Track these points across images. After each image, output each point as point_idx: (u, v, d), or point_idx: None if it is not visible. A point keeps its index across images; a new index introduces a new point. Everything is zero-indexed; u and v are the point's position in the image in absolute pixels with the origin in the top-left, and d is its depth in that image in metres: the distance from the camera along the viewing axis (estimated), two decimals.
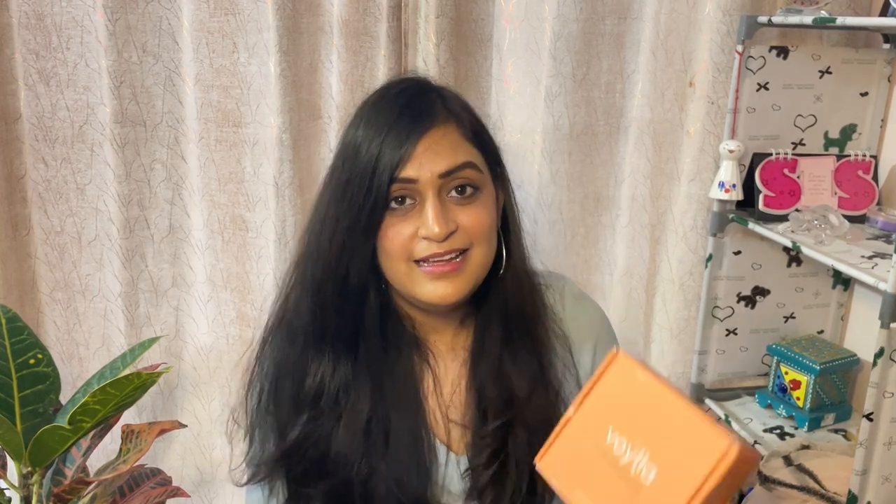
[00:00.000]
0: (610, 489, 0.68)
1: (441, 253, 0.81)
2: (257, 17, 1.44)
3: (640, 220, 1.59)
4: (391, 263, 0.83)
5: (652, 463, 0.66)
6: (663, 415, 0.68)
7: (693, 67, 1.50)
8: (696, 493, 0.62)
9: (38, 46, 1.44)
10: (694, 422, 0.66)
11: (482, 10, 1.50)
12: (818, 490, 1.19)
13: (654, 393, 0.70)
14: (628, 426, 0.70)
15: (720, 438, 0.62)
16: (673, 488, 0.64)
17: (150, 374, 1.01)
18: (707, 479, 0.62)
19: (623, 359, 0.72)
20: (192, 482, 1.69)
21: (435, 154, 0.81)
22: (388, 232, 0.82)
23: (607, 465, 0.69)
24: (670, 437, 0.67)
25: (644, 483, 0.66)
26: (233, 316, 1.60)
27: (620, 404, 0.71)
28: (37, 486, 1.11)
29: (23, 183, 1.51)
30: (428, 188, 0.81)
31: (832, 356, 1.45)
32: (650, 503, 0.65)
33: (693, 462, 0.63)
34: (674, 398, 0.69)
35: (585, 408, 0.73)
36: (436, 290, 0.83)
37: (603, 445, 0.70)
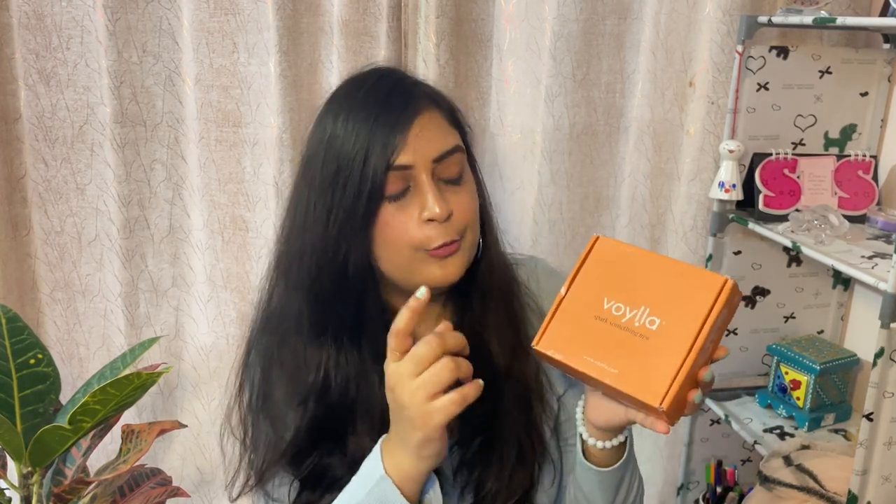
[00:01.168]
0: (618, 344, 0.71)
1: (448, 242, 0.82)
2: (257, 17, 1.44)
3: (640, 220, 1.59)
4: (393, 252, 0.82)
5: (654, 314, 0.70)
6: (653, 273, 0.72)
7: (693, 67, 1.50)
8: (705, 322, 0.68)
9: (38, 46, 1.44)
10: (685, 270, 0.71)
11: (482, 10, 1.50)
12: (818, 490, 1.19)
13: (641, 258, 0.74)
14: (622, 291, 0.73)
15: (713, 276, 0.69)
16: (682, 326, 0.69)
17: (150, 374, 1.01)
18: (712, 308, 0.68)
19: (605, 239, 0.76)
20: (192, 482, 1.69)
21: (426, 139, 0.81)
22: (390, 221, 0.81)
23: (610, 326, 0.72)
24: (666, 289, 0.71)
25: (651, 329, 0.70)
26: (233, 316, 1.60)
27: (610, 275, 0.75)
28: (37, 486, 1.11)
29: (23, 183, 1.51)
30: (422, 173, 0.80)
31: (832, 356, 1.45)
32: (662, 343, 0.69)
33: (694, 301, 0.69)
34: (660, 258, 0.73)
35: (576, 286, 0.76)
36: (442, 272, 0.83)
37: (601, 312, 0.73)
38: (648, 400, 0.68)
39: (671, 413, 0.69)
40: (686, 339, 0.68)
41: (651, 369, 0.68)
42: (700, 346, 0.68)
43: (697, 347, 0.68)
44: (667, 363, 0.68)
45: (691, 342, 0.68)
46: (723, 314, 0.69)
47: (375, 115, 0.80)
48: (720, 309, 0.68)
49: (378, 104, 0.81)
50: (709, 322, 0.68)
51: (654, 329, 0.70)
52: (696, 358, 0.68)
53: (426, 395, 0.71)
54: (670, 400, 0.67)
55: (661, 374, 0.68)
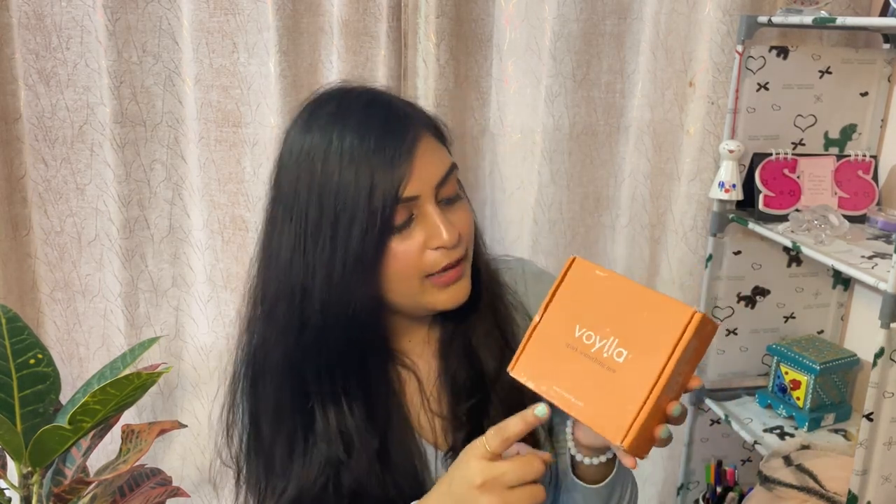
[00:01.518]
0: (585, 376, 0.71)
1: (453, 262, 0.81)
2: (257, 17, 1.44)
3: (640, 220, 1.59)
4: (402, 283, 0.80)
5: (622, 346, 0.70)
6: (626, 302, 0.72)
7: (693, 67, 1.50)
8: (669, 358, 0.67)
9: (38, 46, 1.44)
10: (657, 300, 0.70)
11: (482, 10, 1.50)
12: (818, 490, 1.19)
13: (615, 285, 0.73)
14: (594, 319, 0.72)
15: (683, 308, 0.68)
16: (647, 359, 0.68)
17: (150, 374, 1.01)
18: (678, 343, 0.67)
19: (580, 262, 0.75)
20: (192, 482, 1.69)
21: (428, 166, 0.78)
22: (397, 253, 0.78)
23: (580, 356, 0.72)
24: (636, 320, 0.70)
25: (618, 362, 0.69)
26: (233, 316, 1.59)
27: (583, 302, 0.74)
28: (37, 486, 1.11)
29: (23, 183, 1.51)
30: (427, 202, 0.79)
31: (832, 356, 1.45)
32: (627, 377, 0.68)
33: (661, 334, 0.68)
34: (634, 285, 0.72)
35: (550, 312, 0.75)
36: (452, 296, 0.83)
37: (572, 340, 0.73)
38: (610, 437, 0.67)
39: (635, 448, 0.68)
40: (651, 375, 0.67)
41: (615, 405, 0.68)
42: (665, 381, 0.66)
43: (661, 384, 0.66)
44: (630, 400, 0.67)
45: (655, 378, 0.67)
46: (691, 346, 0.67)
47: (376, 146, 0.76)
48: (686, 342, 0.67)
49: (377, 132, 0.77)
50: (674, 357, 0.66)
51: (620, 362, 0.69)
52: (661, 394, 0.67)
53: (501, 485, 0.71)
54: (631, 438, 0.66)
55: (625, 410, 0.67)
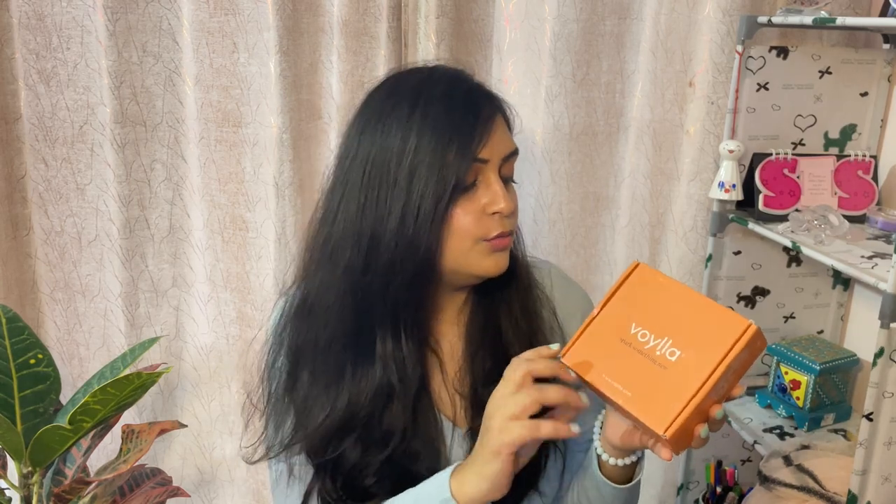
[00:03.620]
0: (636, 369, 0.73)
1: (507, 231, 0.87)
2: (257, 17, 1.44)
3: (640, 220, 1.59)
4: (458, 241, 0.85)
5: (676, 346, 0.73)
6: (683, 308, 0.75)
7: (693, 67, 1.50)
8: (721, 361, 0.70)
9: (39, 46, 1.44)
10: (714, 309, 0.74)
11: (482, 10, 1.50)
12: (818, 490, 1.19)
13: (675, 291, 0.77)
14: (651, 320, 0.76)
15: (739, 319, 0.71)
16: (699, 361, 0.71)
17: (150, 374, 1.01)
18: (731, 349, 0.70)
19: (644, 267, 0.79)
20: (192, 482, 1.69)
21: (500, 138, 0.86)
22: (458, 212, 0.84)
23: (632, 351, 0.75)
24: (692, 324, 0.73)
25: (670, 360, 0.72)
26: (233, 316, 1.60)
27: (642, 303, 0.77)
28: (37, 486, 1.11)
29: (23, 183, 1.51)
30: (492, 169, 0.85)
31: (832, 356, 1.45)
32: (678, 375, 0.71)
33: (715, 340, 0.71)
34: (694, 293, 0.76)
35: (609, 308, 0.79)
36: (497, 262, 0.87)
37: (627, 336, 0.76)
38: (654, 426, 0.70)
39: (675, 442, 0.71)
40: (701, 375, 0.70)
41: (662, 398, 0.71)
42: (713, 383, 0.70)
43: (710, 385, 0.69)
44: (678, 394, 0.70)
45: (705, 378, 0.70)
46: (742, 356, 0.71)
47: (462, 111, 0.84)
48: (739, 351, 0.70)
49: (461, 100, 0.85)
50: (725, 362, 0.70)
51: (673, 360, 0.72)
52: (708, 394, 0.70)
53: (508, 414, 0.74)
54: (675, 430, 0.69)
55: (671, 403, 0.70)
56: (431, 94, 0.85)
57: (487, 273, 0.88)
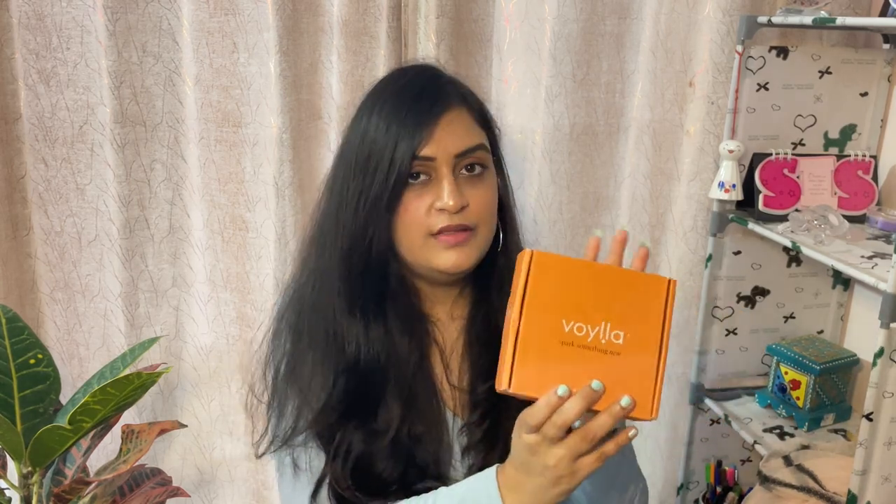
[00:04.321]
0: (591, 366, 0.71)
1: (454, 225, 0.87)
2: (257, 17, 1.44)
3: (640, 220, 1.59)
4: (409, 235, 0.88)
5: (616, 328, 0.72)
6: (601, 285, 0.73)
7: (693, 67, 1.50)
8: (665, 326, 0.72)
9: (38, 46, 1.44)
10: (630, 277, 0.74)
11: (482, 10, 1.50)
12: (818, 490, 1.19)
13: (583, 270, 0.75)
14: (578, 310, 0.73)
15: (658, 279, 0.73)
16: (646, 334, 0.72)
17: (150, 374, 1.01)
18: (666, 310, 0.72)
19: (538, 254, 0.75)
20: (192, 482, 1.69)
21: (451, 135, 0.87)
22: (408, 206, 0.87)
23: (577, 349, 0.72)
24: (618, 300, 0.73)
25: (619, 344, 0.72)
26: (233, 316, 1.60)
27: (559, 294, 0.73)
28: (37, 486, 1.11)
29: (23, 183, 1.51)
30: (443, 166, 0.86)
31: (832, 356, 1.45)
32: (632, 356, 0.71)
33: (648, 307, 0.72)
34: (601, 267, 0.75)
35: (528, 313, 0.73)
36: (450, 258, 0.88)
37: (564, 336, 0.72)
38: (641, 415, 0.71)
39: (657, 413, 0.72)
40: (654, 346, 0.71)
41: (631, 385, 0.71)
42: (667, 349, 0.71)
43: (665, 351, 0.71)
44: (644, 376, 0.71)
45: (659, 349, 0.71)
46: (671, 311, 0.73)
47: (407, 108, 0.87)
48: (672, 308, 0.72)
49: (410, 99, 0.88)
50: (668, 324, 0.72)
51: (621, 343, 0.72)
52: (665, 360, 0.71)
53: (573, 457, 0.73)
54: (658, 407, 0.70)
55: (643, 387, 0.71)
56: (392, 89, 0.90)
57: (444, 269, 0.89)
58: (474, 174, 0.89)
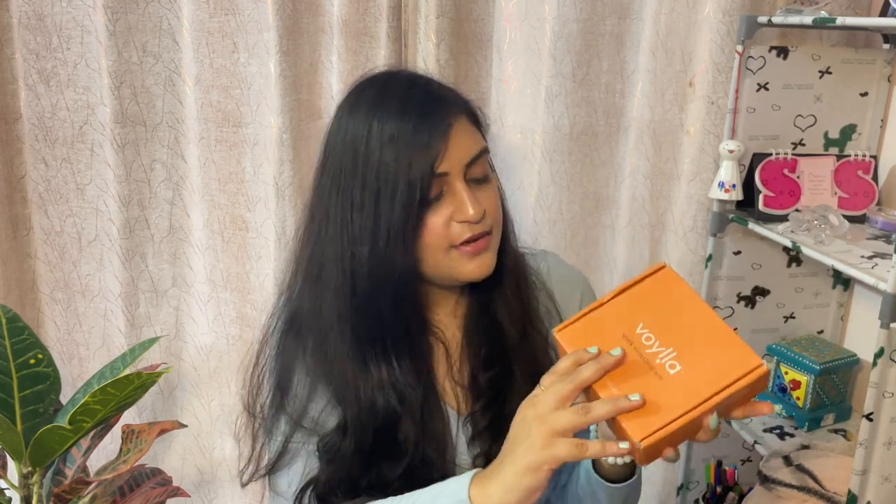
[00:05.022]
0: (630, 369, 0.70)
1: (477, 234, 0.86)
2: (257, 18, 1.44)
3: (640, 221, 1.59)
4: (432, 253, 0.86)
5: (678, 360, 0.69)
6: (698, 325, 0.71)
7: (693, 67, 1.50)
8: (719, 392, 0.66)
9: (39, 46, 1.44)
10: (729, 337, 0.70)
11: (482, 10, 1.50)
12: (818, 490, 1.19)
13: (695, 306, 0.72)
14: (661, 325, 0.71)
15: (752, 355, 0.67)
16: (697, 384, 0.67)
17: (150, 374, 1.01)
18: (733, 383, 0.66)
19: (670, 271, 0.75)
20: (192, 482, 1.69)
21: (459, 146, 0.85)
22: (429, 225, 0.84)
23: (632, 350, 0.71)
24: (701, 344, 0.69)
25: (668, 372, 0.69)
26: (233, 316, 1.60)
27: (657, 306, 0.73)
28: (37, 486, 1.11)
29: (23, 183, 1.51)
30: (456, 179, 0.85)
31: (832, 356, 1.45)
32: (671, 391, 0.68)
33: (721, 368, 0.67)
34: (713, 314, 0.71)
35: (619, 300, 0.75)
36: (478, 267, 0.87)
37: (631, 334, 0.72)
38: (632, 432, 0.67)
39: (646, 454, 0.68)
40: (693, 399, 0.67)
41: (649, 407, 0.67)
42: (703, 410, 0.66)
43: (700, 411, 0.66)
44: (665, 410, 0.67)
45: (697, 403, 0.66)
46: (741, 392, 0.67)
47: (414, 127, 0.82)
48: (740, 387, 0.67)
49: (415, 114, 0.83)
50: (723, 394, 0.66)
51: (671, 374, 0.69)
52: (695, 419, 0.67)
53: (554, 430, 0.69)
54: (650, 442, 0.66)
55: (656, 416, 0.67)
56: (387, 109, 0.84)
57: (472, 277, 0.88)
58: (482, 179, 0.88)
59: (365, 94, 0.88)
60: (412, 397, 0.88)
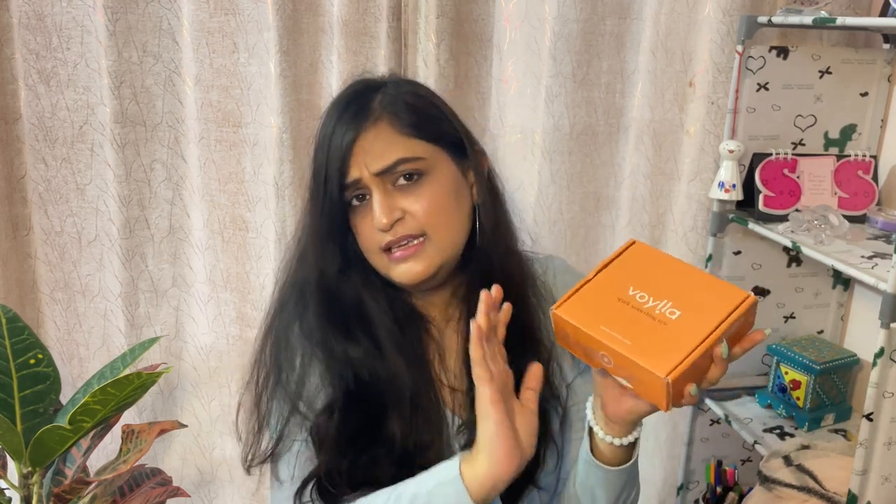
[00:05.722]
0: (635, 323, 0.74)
1: (396, 240, 0.87)
2: (257, 17, 1.44)
3: (640, 220, 1.59)
4: (368, 254, 0.89)
5: (676, 307, 0.74)
6: (683, 278, 0.77)
7: (693, 67, 1.50)
8: (724, 320, 0.72)
9: (39, 46, 1.44)
10: (714, 281, 0.76)
11: (482, 10, 1.50)
12: (818, 490, 1.19)
13: (672, 263, 0.78)
14: (650, 285, 0.77)
15: (739, 290, 0.75)
16: (700, 320, 0.73)
17: (150, 374, 1.01)
18: (732, 312, 0.72)
19: (641, 244, 0.80)
20: (192, 482, 1.69)
21: (368, 154, 0.85)
22: (358, 227, 0.89)
23: (630, 309, 0.75)
24: (691, 291, 0.75)
25: (670, 318, 0.73)
26: (233, 316, 1.60)
27: (640, 271, 0.78)
28: (37, 486, 1.11)
29: (23, 183, 1.51)
30: (371, 184, 0.86)
31: (832, 356, 1.45)
32: (679, 329, 0.72)
33: (715, 305, 0.73)
34: (692, 267, 0.78)
35: (604, 274, 0.79)
36: (406, 272, 0.88)
37: (625, 296, 0.76)
38: (656, 369, 0.70)
39: (674, 390, 0.71)
40: (703, 330, 0.72)
41: (664, 347, 0.71)
42: (715, 338, 0.71)
43: (713, 339, 0.71)
44: (680, 345, 0.71)
45: (708, 332, 0.71)
46: (739, 322, 0.73)
47: (331, 133, 0.87)
48: (739, 315, 0.72)
49: (336, 119, 0.87)
50: (728, 321, 0.72)
51: (673, 318, 0.73)
52: (708, 349, 0.71)
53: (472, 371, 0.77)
54: (677, 374, 0.70)
55: (673, 352, 0.71)
56: (328, 112, 0.89)
57: (403, 282, 0.89)
58: (412, 182, 0.86)
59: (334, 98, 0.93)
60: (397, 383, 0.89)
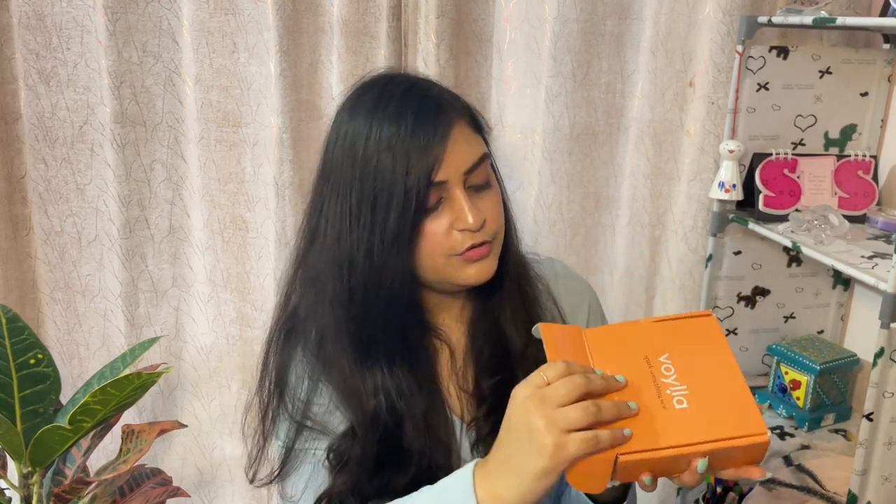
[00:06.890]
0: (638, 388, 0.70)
1: (478, 243, 0.85)
2: (257, 17, 1.44)
3: (640, 220, 1.59)
4: (431, 259, 0.85)
5: (687, 399, 0.69)
6: (720, 376, 0.71)
7: (693, 67, 1.50)
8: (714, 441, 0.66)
9: (39, 46, 1.44)
10: (746, 399, 0.69)
11: (482, 10, 1.50)
12: (818, 490, 1.19)
13: (723, 357, 0.72)
14: (684, 363, 0.71)
15: (760, 422, 0.66)
16: (695, 426, 0.67)
17: (150, 374, 1.01)
18: (731, 438, 0.66)
19: (714, 319, 0.75)
20: (192, 482, 1.69)
21: (458, 153, 0.83)
22: (427, 233, 0.83)
23: (647, 373, 0.71)
24: (716, 394, 0.69)
25: (674, 406, 0.69)
26: (233, 316, 1.60)
27: (687, 345, 0.73)
28: (37, 486, 1.11)
29: (23, 183, 1.51)
30: (455, 187, 0.83)
31: (832, 356, 1.45)
32: (667, 421, 0.68)
33: (726, 420, 0.67)
34: (737, 372, 0.71)
35: (653, 325, 0.75)
36: (478, 272, 0.86)
37: (652, 358, 0.72)
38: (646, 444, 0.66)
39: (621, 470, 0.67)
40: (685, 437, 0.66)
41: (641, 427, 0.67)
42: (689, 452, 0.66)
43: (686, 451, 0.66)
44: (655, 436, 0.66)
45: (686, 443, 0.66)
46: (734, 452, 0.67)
47: (411, 131, 0.81)
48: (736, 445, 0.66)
49: (412, 119, 0.81)
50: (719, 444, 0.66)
51: (676, 408, 0.68)
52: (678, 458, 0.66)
53: (564, 428, 0.66)
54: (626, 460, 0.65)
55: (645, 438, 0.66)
56: (384, 113, 0.82)
57: (470, 283, 0.87)
58: (483, 185, 0.86)
59: (363, 97, 0.86)
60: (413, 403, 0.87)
